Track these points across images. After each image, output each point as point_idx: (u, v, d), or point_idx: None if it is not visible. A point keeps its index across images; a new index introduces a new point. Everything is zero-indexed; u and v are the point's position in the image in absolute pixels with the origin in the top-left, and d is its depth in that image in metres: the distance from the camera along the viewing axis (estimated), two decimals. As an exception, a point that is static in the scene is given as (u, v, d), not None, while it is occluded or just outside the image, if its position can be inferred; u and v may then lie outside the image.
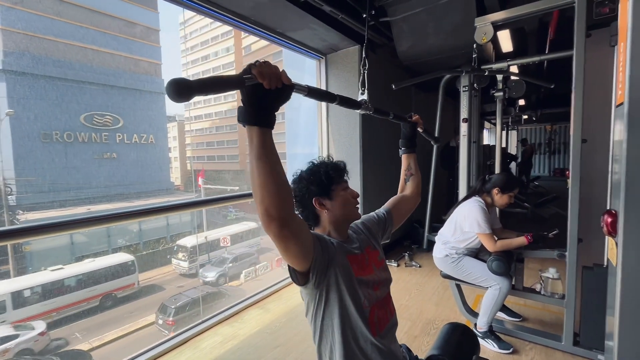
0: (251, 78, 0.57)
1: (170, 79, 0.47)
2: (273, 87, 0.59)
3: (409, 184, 1.18)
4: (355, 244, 0.94)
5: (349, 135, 3.24)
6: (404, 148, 1.18)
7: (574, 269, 1.70)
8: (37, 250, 9.80)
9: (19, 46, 12.06)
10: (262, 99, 0.59)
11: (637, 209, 0.63)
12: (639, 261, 0.62)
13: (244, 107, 0.60)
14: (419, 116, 1.14)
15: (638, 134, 0.62)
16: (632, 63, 0.60)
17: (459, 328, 1.01)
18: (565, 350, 1.82)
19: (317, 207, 0.91)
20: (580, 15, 1.59)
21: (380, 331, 0.85)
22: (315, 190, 0.90)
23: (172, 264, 11.60)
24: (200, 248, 11.77)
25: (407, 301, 2.53)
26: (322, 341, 0.85)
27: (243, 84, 0.56)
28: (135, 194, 14.40)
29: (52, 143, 12.33)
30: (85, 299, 8.13)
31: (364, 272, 0.88)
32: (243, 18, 2.36)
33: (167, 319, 7.83)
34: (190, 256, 11.41)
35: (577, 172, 1.64)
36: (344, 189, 0.92)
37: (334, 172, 0.91)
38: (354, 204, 0.93)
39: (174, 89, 0.47)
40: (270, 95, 0.60)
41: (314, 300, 0.83)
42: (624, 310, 0.64)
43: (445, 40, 2.96)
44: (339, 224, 0.92)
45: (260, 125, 0.60)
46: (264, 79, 0.58)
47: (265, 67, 0.58)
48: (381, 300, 0.89)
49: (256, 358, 1.87)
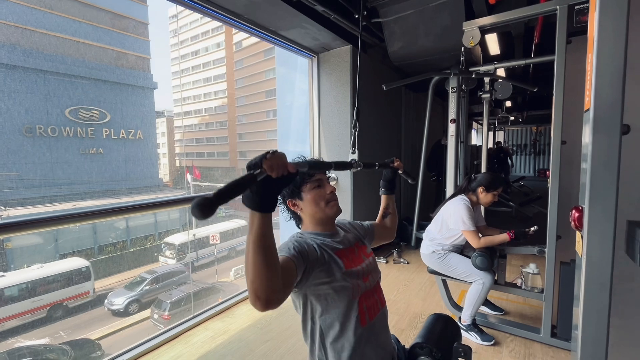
0: (261, 172, 0.61)
1: (194, 202, 0.50)
2: (279, 176, 0.64)
3: (386, 220, 1.23)
4: (344, 238, 0.98)
5: (340, 133, 3.28)
6: (384, 189, 1.23)
7: (552, 264, 1.79)
8: (20, 247, 9.54)
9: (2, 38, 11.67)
10: (268, 188, 0.64)
11: (600, 205, 0.69)
12: (600, 252, 0.69)
13: (251, 195, 0.63)
14: (399, 161, 1.20)
15: (601, 137, 0.68)
16: (597, 73, 0.66)
17: (442, 318, 1.07)
18: (543, 342, 1.91)
19: (291, 207, 0.96)
20: (561, 22, 1.67)
21: (370, 320, 0.90)
22: (286, 193, 0.95)
23: (159, 262, 11.48)
24: (188, 246, 11.61)
25: (395, 296, 2.59)
26: (310, 333, 0.90)
27: (255, 180, 0.61)
28: (123, 190, 14.14)
29: (36, 137, 11.99)
30: (29, 310, 7.33)
31: (353, 264, 0.92)
32: (236, 15, 2.37)
33: (162, 314, 7.88)
34: (178, 254, 11.27)
35: (557, 172, 1.72)
36: (315, 185, 0.93)
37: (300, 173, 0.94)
38: (328, 199, 0.94)
39: (200, 211, 0.50)
40: (277, 183, 0.64)
41: (302, 302, 0.88)
42: (587, 299, 0.70)
43: (435, 42, 3.03)
44: (317, 220, 0.95)
45: (264, 211, 0.64)
46: (273, 171, 0.62)
47: (275, 159, 0.62)
48: (370, 290, 0.93)
49: (247, 352, 1.90)
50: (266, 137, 28.37)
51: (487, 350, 1.89)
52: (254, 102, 30.27)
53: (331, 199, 0.95)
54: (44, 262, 8.54)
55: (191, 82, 33.33)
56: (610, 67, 0.64)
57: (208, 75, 32.38)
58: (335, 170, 0.88)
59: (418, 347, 0.96)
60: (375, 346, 0.90)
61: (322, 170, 0.96)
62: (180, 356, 1.85)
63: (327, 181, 0.97)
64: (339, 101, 3.26)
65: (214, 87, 32.07)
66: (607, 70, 0.65)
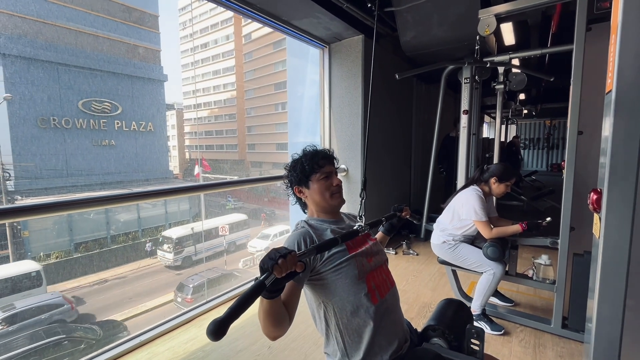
0: (270, 276, 0.66)
1: (208, 326, 0.56)
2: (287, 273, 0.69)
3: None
4: (347, 225, 1.03)
5: (351, 123, 3.28)
6: (385, 230, 1.26)
7: (565, 255, 1.78)
8: (36, 233, 9.84)
9: (18, 30, 11.89)
10: (276, 285, 0.69)
11: (619, 186, 0.69)
12: (618, 234, 0.69)
13: (261, 289, 0.67)
14: (408, 209, 1.21)
15: (622, 119, 0.68)
16: (620, 55, 0.65)
17: (454, 302, 1.09)
18: (554, 333, 1.91)
19: (297, 194, 1.01)
20: (581, 8, 1.63)
21: (382, 297, 0.92)
22: (294, 179, 1.00)
23: (157, 256, 11.38)
24: (187, 240, 11.38)
25: (405, 286, 2.61)
26: (324, 317, 0.93)
27: (265, 287, 0.65)
28: (133, 181, 14.40)
29: (50, 129, 12.26)
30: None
31: (358, 247, 0.96)
32: (249, 5, 2.37)
33: (185, 297, 8.34)
34: (176, 247, 11.05)
35: (572, 162, 1.70)
36: (323, 178, 0.97)
37: (308, 163, 0.97)
38: (333, 191, 0.98)
39: (214, 334, 0.56)
40: (283, 280, 0.69)
41: (310, 293, 0.94)
42: (603, 284, 0.71)
43: (448, 31, 2.99)
44: (322, 208, 1.00)
45: (270, 299, 0.73)
46: (282, 273, 0.67)
47: (285, 265, 0.67)
48: (376, 269, 0.96)
49: (259, 336, 1.95)
50: (275, 130, 28.41)
51: (497, 339, 1.90)
52: (263, 94, 30.26)
53: (336, 190, 0.99)
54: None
55: (200, 74, 33.47)
56: (635, 48, 0.63)
57: (217, 67, 32.44)
58: (342, 240, 0.88)
59: (431, 329, 0.98)
60: (392, 322, 0.92)
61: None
62: (194, 338, 1.91)
63: (335, 174, 1.01)
64: (350, 92, 3.25)
65: (223, 79, 32.14)
66: (631, 51, 0.64)
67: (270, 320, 0.76)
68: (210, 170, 20.75)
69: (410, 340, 1.01)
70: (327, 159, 1.00)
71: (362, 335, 0.88)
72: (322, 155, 0.99)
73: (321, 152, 1.01)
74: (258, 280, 0.65)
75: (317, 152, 1.00)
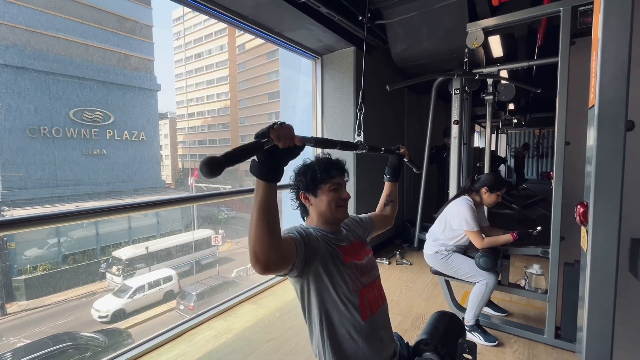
0: (268, 141, 0.63)
1: (203, 160, 0.54)
2: (286, 147, 0.66)
3: (387, 207, 1.27)
4: (345, 237, 1.01)
5: (343, 134, 3.29)
6: (390, 176, 1.27)
7: (556, 265, 1.79)
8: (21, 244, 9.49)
9: (6, 40, 11.81)
10: (275, 158, 0.66)
11: (605, 199, 0.69)
12: (605, 247, 0.69)
13: (258, 164, 0.67)
14: (405, 148, 1.23)
15: (606, 132, 0.69)
16: (601, 70, 0.67)
17: (447, 315, 1.08)
18: (547, 343, 1.90)
19: (302, 199, 0.98)
20: (565, 23, 1.68)
21: (372, 315, 0.91)
22: (302, 185, 0.97)
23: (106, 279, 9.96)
24: (139, 261, 9.93)
25: (398, 297, 2.59)
26: (312, 326, 0.91)
27: (262, 148, 0.63)
28: (125, 191, 14.20)
29: (40, 138, 12.08)
30: None
31: (353, 258, 0.94)
32: (242, 17, 2.39)
33: (188, 305, 8.21)
34: (126, 270, 9.73)
35: (561, 173, 1.73)
36: (333, 189, 0.95)
37: (322, 172, 0.94)
38: (340, 204, 0.96)
39: (208, 168, 0.53)
40: (283, 154, 0.67)
41: (301, 288, 0.90)
42: (592, 294, 0.71)
43: (438, 44, 3.05)
44: (325, 219, 0.97)
45: (269, 181, 0.67)
46: (280, 141, 0.64)
47: (282, 130, 0.65)
48: (369, 285, 0.95)
49: (250, 351, 1.91)
50: (268, 139, 28.40)
51: (491, 351, 1.88)
52: (257, 104, 30.38)
53: (343, 204, 0.97)
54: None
55: (194, 84, 33.52)
56: (615, 65, 0.65)
57: (211, 77, 32.55)
58: (341, 150, 0.89)
59: (423, 344, 0.97)
60: (376, 341, 0.91)
61: (329, 149, 0.95)
62: (183, 354, 1.86)
63: (344, 186, 0.99)
64: (342, 102, 3.27)
65: (217, 89, 32.22)
66: (612, 68, 0.66)
67: (264, 218, 0.68)
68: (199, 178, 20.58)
69: (400, 354, 0.99)
70: (340, 171, 0.98)
71: (344, 350, 0.86)
72: (336, 166, 0.97)
73: (336, 163, 0.98)
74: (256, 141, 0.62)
75: (332, 163, 0.97)
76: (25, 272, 9.44)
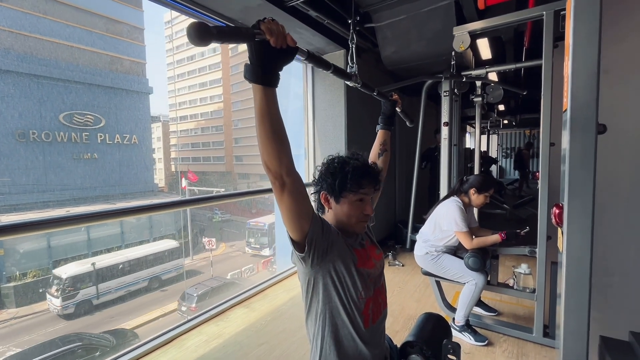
0: (260, 33, 0.61)
1: (192, 23, 0.50)
2: (279, 46, 0.64)
3: (381, 159, 1.23)
4: (359, 241, 0.95)
5: (334, 136, 3.31)
6: (382, 124, 1.24)
7: (543, 264, 1.82)
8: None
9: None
10: (268, 57, 0.64)
11: (578, 201, 0.71)
12: (580, 247, 0.71)
13: (250, 65, 0.65)
14: (398, 96, 1.22)
15: (578, 136, 0.71)
16: (573, 76, 0.69)
17: (433, 317, 1.09)
18: (535, 342, 1.92)
19: (322, 200, 0.91)
20: (548, 27, 1.71)
21: (373, 323, 0.89)
22: (326, 186, 0.89)
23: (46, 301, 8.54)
24: (83, 279, 8.58)
25: (390, 298, 2.58)
26: (311, 324, 0.89)
27: (253, 37, 0.60)
28: (117, 195, 14.03)
29: (29, 143, 11.89)
30: None
31: (365, 265, 0.89)
32: (230, 20, 2.39)
33: (190, 306, 8.26)
34: (66, 290, 8.34)
35: (546, 173, 1.76)
36: (358, 199, 0.87)
37: (353, 179, 0.86)
38: (361, 219, 0.89)
39: (196, 32, 0.49)
40: (275, 54, 0.64)
41: (309, 283, 0.85)
42: (568, 293, 0.72)
43: (427, 46, 3.08)
44: (340, 226, 0.90)
45: (265, 84, 0.65)
46: (272, 36, 0.62)
47: (273, 24, 0.63)
48: (376, 291, 0.92)
49: (241, 356, 1.90)
50: (262, 142, 28.36)
51: (481, 350, 1.90)
52: (250, 106, 30.29)
53: (364, 219, 0.90)
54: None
55: (187, 87, 33.34)
56: (585, 71, 0.67)
57: (204, 80, 32.42)
58: (334, 75, 0.85)
59: (409, 346, 0.98)
60: (372, 347, 0.90)
61: (322, 69, 0.92)
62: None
63: (369, 201, 0.90)
64: (332, 105, 3.29)
65: (210, 91, 32.09)
66: (582, 74, 0.68)
67: (266, 124, 0.65)
68: (196, 181, 20.42)
69: (391, 358, 1.00)
70: (374, 183, 0.88)
71: (344, 349, 0.85)
72: (371, 177, 0.88)
73: (373, 173, 0.89)
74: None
75: (369, 172, 0.88)
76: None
